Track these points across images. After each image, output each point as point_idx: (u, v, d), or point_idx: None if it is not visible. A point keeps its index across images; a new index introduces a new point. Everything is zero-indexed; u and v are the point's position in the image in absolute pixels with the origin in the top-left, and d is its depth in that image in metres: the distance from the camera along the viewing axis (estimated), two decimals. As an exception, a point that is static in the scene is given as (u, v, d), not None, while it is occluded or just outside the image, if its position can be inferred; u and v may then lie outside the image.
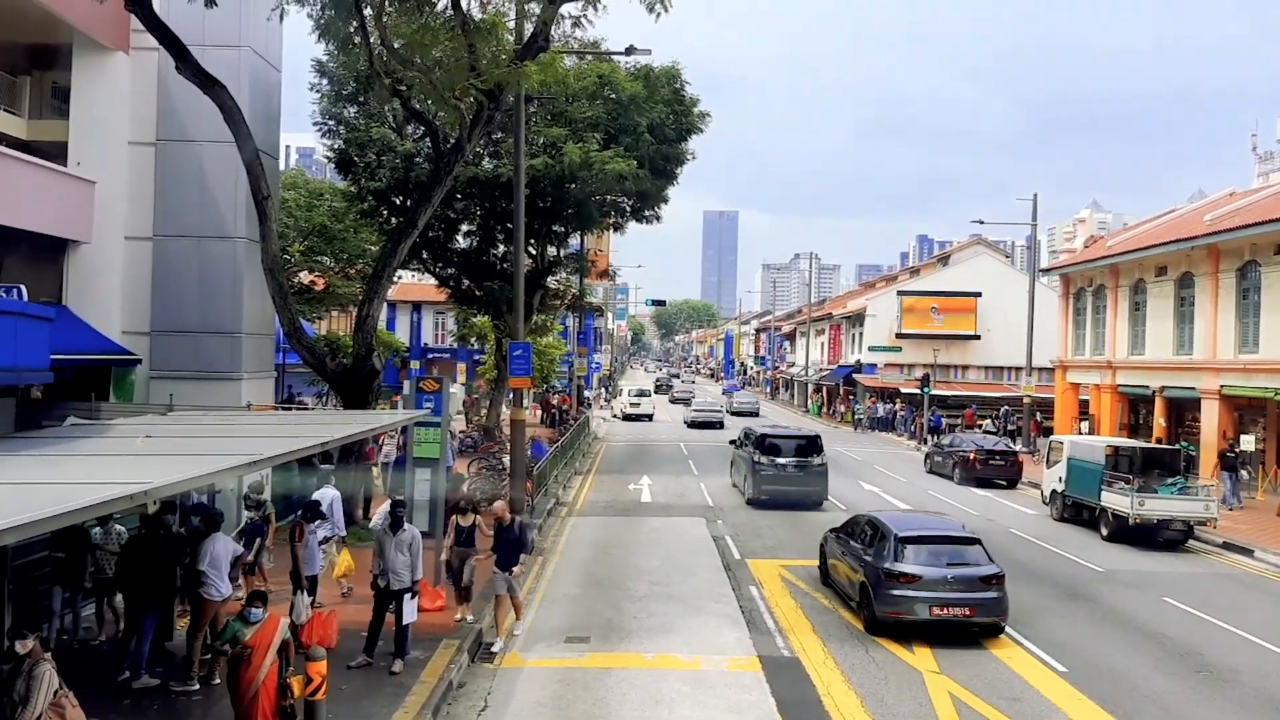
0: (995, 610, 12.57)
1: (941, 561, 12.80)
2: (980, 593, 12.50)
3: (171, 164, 26.75)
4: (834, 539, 15.08)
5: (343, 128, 29.48)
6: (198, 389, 26.27)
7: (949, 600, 12.40)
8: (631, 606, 13.66)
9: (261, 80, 27.49)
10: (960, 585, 12.53)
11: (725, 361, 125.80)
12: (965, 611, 12.43)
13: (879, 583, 12.67)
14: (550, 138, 27.75)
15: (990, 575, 12.65)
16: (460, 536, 12.37)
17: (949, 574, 12.60)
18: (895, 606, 12.49)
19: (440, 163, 16.58)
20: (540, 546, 17.77)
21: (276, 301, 16.68)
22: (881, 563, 12.83)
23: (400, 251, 16.63)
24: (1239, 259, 27.48)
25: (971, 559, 12.96)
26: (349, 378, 16.46)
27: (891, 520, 13.86)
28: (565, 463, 27.98)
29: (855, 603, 13.56)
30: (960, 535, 13.61)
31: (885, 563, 12.78)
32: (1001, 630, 12.78)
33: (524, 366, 18.76)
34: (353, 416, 12.24)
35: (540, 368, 45.57)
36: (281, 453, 7.51)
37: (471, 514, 12.53)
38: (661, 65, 29.36)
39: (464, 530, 12.38)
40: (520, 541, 12.06)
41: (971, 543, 13.31)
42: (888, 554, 12.89)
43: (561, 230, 33.39)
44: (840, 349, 62.00)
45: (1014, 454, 29.35)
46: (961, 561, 12.83)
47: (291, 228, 37.41)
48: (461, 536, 12.37)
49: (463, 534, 12.37)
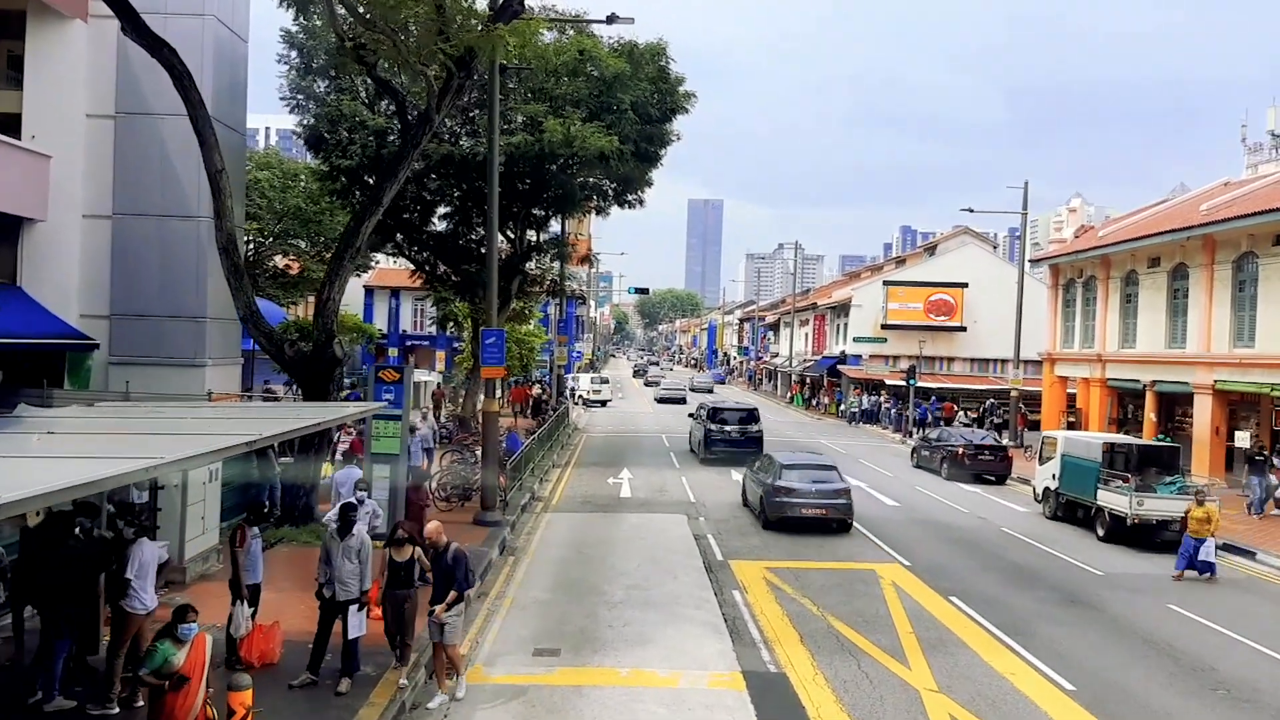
0: (844, 511, 18.77)
1: (809, 480, 18.99)
2: (834, 500, 18.74)
3: (132, 138, 25.43)
4: (749, 473, 21.42)
5: (313, 103, 28.23)
6: (159, 375, 25.04)
7: (813, 505, 18.63)
8: (607, 613, 12.73)
9: (227, 51, 26.17)
10: (821, 495, 18.71)
11: (708, 351, 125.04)
12: (823, 512, 18.64)
13: (770, 494, 18.91)
14: (529, 114, 26.64)
15: (841, 489, 18.97)
16: (396, 577, 9.81)
17: (813, 488, 18.81)
18: (780, 510, 18.66)
19: (407, 135, 15.49)
20: (513, 545, 16.81)
21: (231, 283, 15.59)
22: (773, 482, 19.04)
23: (364, 231, 15.55)
24: (1236, 250, 26.78)
25: (830, 479, 19.17)
26: (308, 365, 15.38)
27: (780, 455, 20.59)
28: (543, 455, 27.01)
29: (758, 511, 19.69)
30: (822, 464, 20.10)
31: (774, 482, 19.01)
32: (850, 527, 18.90)
33: (497, 355, 17.76)
34: (300, 410, 11.16)
35: (520, 356, 44.59)
36: (186, 456, 6.49)
37: (410, 546, 9.90)
38: (646, 42, 28.29)
39: (400, 567, 9.82)
40: (451, 575, 9.57)
41: (830, 468, 19.66)
42: (775, 477, 19.12)
43: (541, 214, 32.28)
44: (825, 339, 61.23)
45: (1003, 449, 28.62)
46: (823, 481, 19.07)
47: (265, 210, 36.16)
48: (398, 576, 9.81)
49: (399, 572, 9.82)
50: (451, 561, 9.63)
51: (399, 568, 9.83)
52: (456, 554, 9.73)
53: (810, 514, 18.53)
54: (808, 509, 18.50)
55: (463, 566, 9.68)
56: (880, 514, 21.40)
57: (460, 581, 9.59)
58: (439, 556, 9.70)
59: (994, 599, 14.22)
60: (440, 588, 9.59)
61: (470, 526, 17.35)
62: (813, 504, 18.54)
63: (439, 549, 9.70)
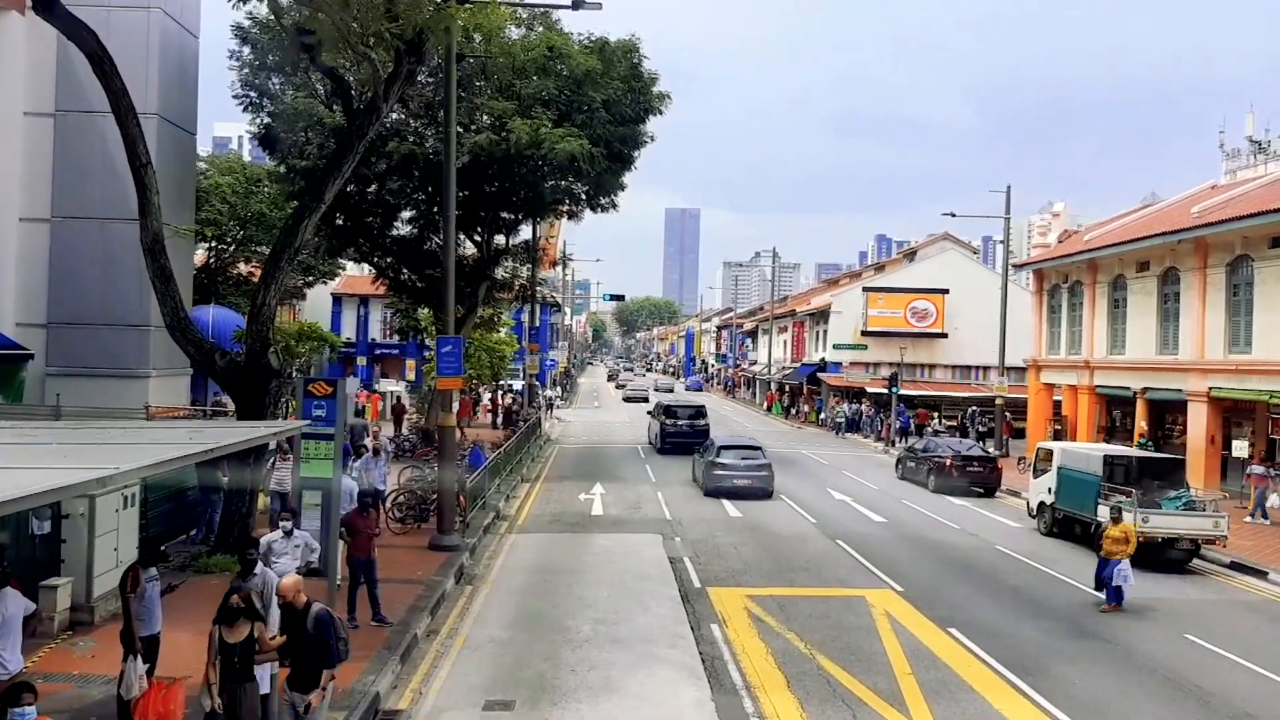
0: (765, 482, 23.89)
1: (740, 458, 24.19)
2: (758, 473, 23.84)
3: (72, 137, 23.88)
4: (696, 458, 26.55)
5: (267, 101, 26.76)
6: (99, 387, 23.43)
7: (742, 477, 23.67)
8: (570, 655, 11.34)
9: (175, 46, 24.64)
10: (748, 469, 23.81)
11: (686, 359, 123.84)
12: (750, 482, 23.58)
13: (709, 469, 24.11)
14: (497, 111, 25.31)
15: (764, 464, 24.12)
16: (229, 664, 7.37)
17: (743, 464, 23.92)
18: (716, 482, 23.72)
19: (352, 125, 14.09)
20: (471, 573, 15.39)
21: (157, 287, 14.08)
22: (711, 459, 24.30)
23: (303, 230, 14.11)
24: (1229, 253, 25.86)
25: (756, 457, 24.35)
26: (240, 378, 13.91)
27: (718, 439, 26.76)
28: (511, 469, 25.57)
29: (699, 483, 25.05)
30: (751, 444, 25.50)
31: (712, 459, 24.26)
32: (771, 495, 23.79)
33: (454, 365, 16.36)
34: (203, 433, 9.69)
35: (490, 365, 43.04)
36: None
37: (248, 622, 7.44)
38: (619, 39, 27.07)
39: (233, 651, 7.36)
40: (319, 644, 7.49)
41: (756, 449, 25.01)
42: (715, 455, 24.44)
43: (511, 217, 30.91)
44: (804, 347, 60.14)
45: (993, 460, 27.48)
46: (751, 459, 24.24)
47: (228, 216, 34.62)
48: (232, 664, 7.36)
49: (233, 659, 7.36)
50: (314, 627, 7.45)
51: (232, 652, 7.34)
52: (320, 616, 7.52)
53: (740, 484, 23.60)
54: (739, 480, 23.64)
55: (330, 633, 7.57)
56: (867, 531, 20.16)
57: (332, 654, 7.57)
58: (296, 620, 7.54)
59: (996, 630, 12.97)
60: (300, 663, 7.53)
61: (425, 551, 15.94)
62: (742, 476, 23.72)
63: (296, 610, 7.54)
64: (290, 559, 10.19)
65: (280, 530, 10.25)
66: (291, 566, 10.15)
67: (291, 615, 7.55)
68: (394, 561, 14.86)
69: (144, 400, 22.93)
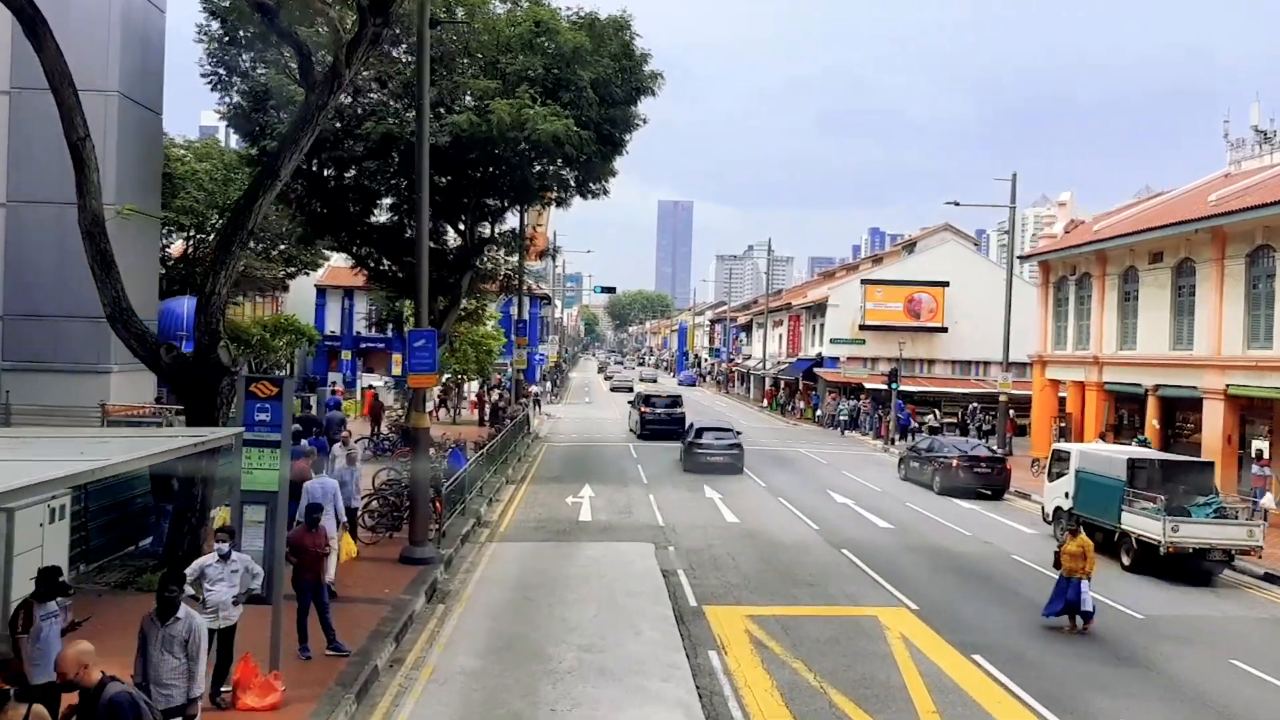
0: (736, 459, 27.42)
1: (714, 438, 27.96)
2: (730, 451, 27.53)
3: (29, 116, 22.35)
4: (682, 444, 29.44)
5: (237, 78, 25.27)
6: (56, 384, 21.96)
7: (716, 454, 27.37)
8: (550, 690, 10.02)
9: (139, 22, 23.15)
10: (722, 449, 27.53)
11: (679, 353, 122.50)
12: (724, 460, 27.20)
13: (688, 449, 27.99)
14: (479, 90, 23.87)
15: (735, 444, 27.85)
16: None
17: (717, 443, 27.70)
18: (694, 459, 27.36)
19: (311, 94, 12.70)
20: (445, 589, 14.05)
21: (97, 273, 12.69)
22: (690, 439, 28.23)
23: (256, 211, 12.72)
24: (1249, 243, 24.61)
25: (728, 437, 28.11)
26: (187, 374, 12.53)
27: (697, 422, 30.55)
28: (495, 470, 24.23)
29: (682, 463, 28.29)
30: (725, 427, 29.66)
31: (691, 439, 28.21)
32: (740, 470, 27.28)
33: (428, 361, 15.02)
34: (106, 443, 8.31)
35: (477, 360, 41.70)
36: None
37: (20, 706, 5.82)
38: (609, 14, 25.65)
39: None
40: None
41: (728, 430, 29.10)
42: (694, 436, 28.23)
43: (496, 204, 29.47)
44: (800, 341, 58.83)
45: (1001, 460, 26.25)
46: (724, 438, 28.06)
47: (205, 204, 33.19)
48: None
49: None
50: (105, 712, 5.65)
51: None
52: (116, 700, 5.68)
53: (715, 460, 27.23)
54: (713, 457, 27.32)
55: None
56: (873, 538, 18.90)
57: None
58: (88, 701, 5.77)
59: (1024, 656, 11.72)
60: None
61: (395, 565, 14.58)
62: (716, 454, 27.40)
63: (88, 690, 5.75)
64: (227, 586, 8.83)
65: (215, 553, 8.88)
66: (228, 595, 8.82)
67: (85, 698, 5.77)
68: (360, 578, 13.56)
69: (103, 396, 21.54)
